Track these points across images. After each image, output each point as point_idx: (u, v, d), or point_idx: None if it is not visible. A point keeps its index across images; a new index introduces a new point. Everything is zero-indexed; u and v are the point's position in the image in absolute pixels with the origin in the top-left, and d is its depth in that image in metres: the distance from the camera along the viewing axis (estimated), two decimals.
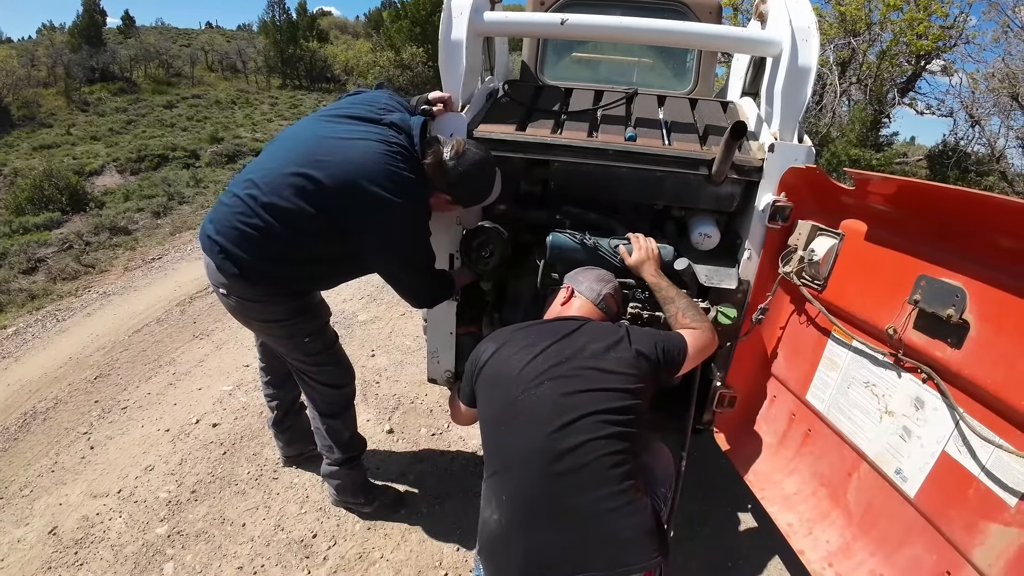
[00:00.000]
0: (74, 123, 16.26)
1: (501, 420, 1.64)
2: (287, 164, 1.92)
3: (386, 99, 2.11)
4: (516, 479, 1.55)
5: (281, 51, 26.87)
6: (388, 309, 4.78)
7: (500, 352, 1.74)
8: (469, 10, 2.19)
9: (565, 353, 1.66)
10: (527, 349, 1.69)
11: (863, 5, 11.44)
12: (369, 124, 1.97)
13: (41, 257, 6.27)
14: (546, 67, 3.80)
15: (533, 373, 1.62)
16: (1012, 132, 11.44)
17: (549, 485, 1.50)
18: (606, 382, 1.61)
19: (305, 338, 2.23)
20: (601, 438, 1.51)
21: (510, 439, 1.60)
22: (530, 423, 1.56)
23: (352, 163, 1.87)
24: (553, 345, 1.68)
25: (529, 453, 1.54)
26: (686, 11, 3.51)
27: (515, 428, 1.59)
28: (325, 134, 1.97)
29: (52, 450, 3.05)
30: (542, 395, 1.58)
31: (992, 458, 1.43)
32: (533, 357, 1.66)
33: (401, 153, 1.93)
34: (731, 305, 2.16)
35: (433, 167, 1.98)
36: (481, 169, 2.03)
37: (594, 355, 1.66)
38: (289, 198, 1.88)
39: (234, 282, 1.99)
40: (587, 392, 1.58)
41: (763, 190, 2.08)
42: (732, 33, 2.64)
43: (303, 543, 2.46)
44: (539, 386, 1.60)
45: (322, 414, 2.41)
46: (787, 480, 2.16)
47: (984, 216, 1.48)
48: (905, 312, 1.65)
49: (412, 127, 1.99)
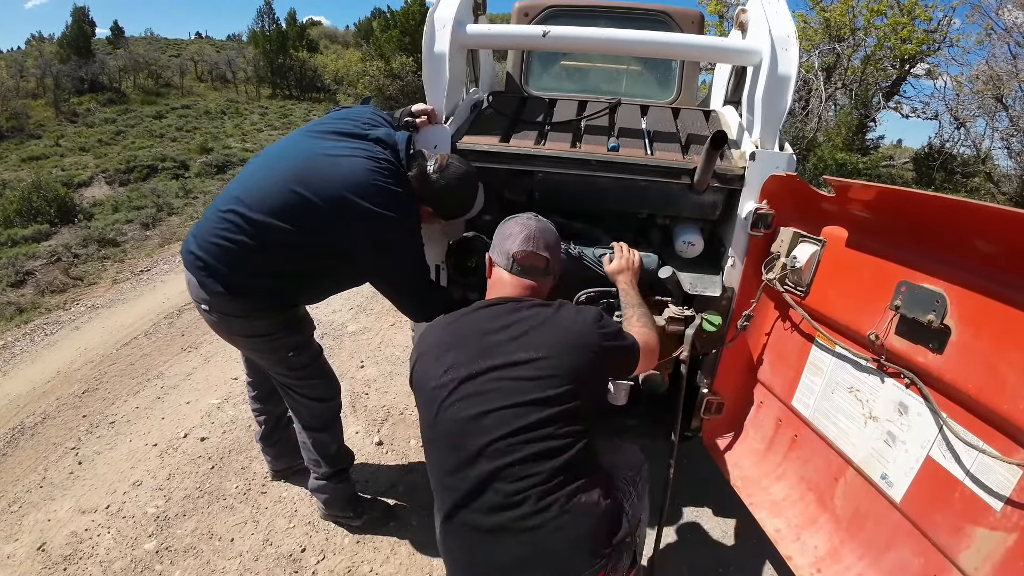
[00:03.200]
0: (63, 134, 16.15)
1: (427, 439, 1.54)
2: (275, 180, 1.91)
3: (370, 114, 2.11)
4: (444, 501, 1.47)
5: (271, 61, 26.89)
6: (377, 319, 4.77)
7: (419, 362, 1.59)
8: (452, 23, 2.20)
9: (478, 362, 1.49)
10: (440, 358, 1.53)
11: (847, 11, 11.57)
12: (356, 140, 1.98)
13: (29, 270, 6.20)
14: (531, 78, 3.82)
15: (444, 390, 1.47)
16: (997, 133, 11.60)
17: (473, 508, 1.41)
18: (522, 394, 1.43)
19: (289, 352, 2.22)
20: (515, 463, 1.37)
21: (435, 459, 1.51)
22: (447, 447, 1.46)
23: (341, 179, 1.87)
24: (466, 351, 1.52)
25: (447, 475, 1.46)
26: (668, 21, 3.54)
27: (436, 451, 1.50)
28: (313, 150, 1.96)
29: (40, 465, 3.02)
30: (453, 417, 1.45)
31: (976, 462, 1.43)
32: (445, 370, 1.50)
33: (388, 168, 1.93)
34: (716, 312, 2.17)
35: (417, 180, 2.00)
36: (463, 183, 2.05)
37: (509, 360, 1.47)
38: (277, 214, 1.87)
39: (216, 298, 1.98)
40: (499, 411, 1.42)
41: (745, 198, 2.09)
42: (712, 43, 2.66)
43: (292, 557, 2.44)
44: (450, 406, 1.45)
45: (308, 428, 2.39)
46: (775, 486, 2.17)
47: (963, 221, 1.49)
48: (887, 318, 1.66)
49: (398, 142, 2.00)
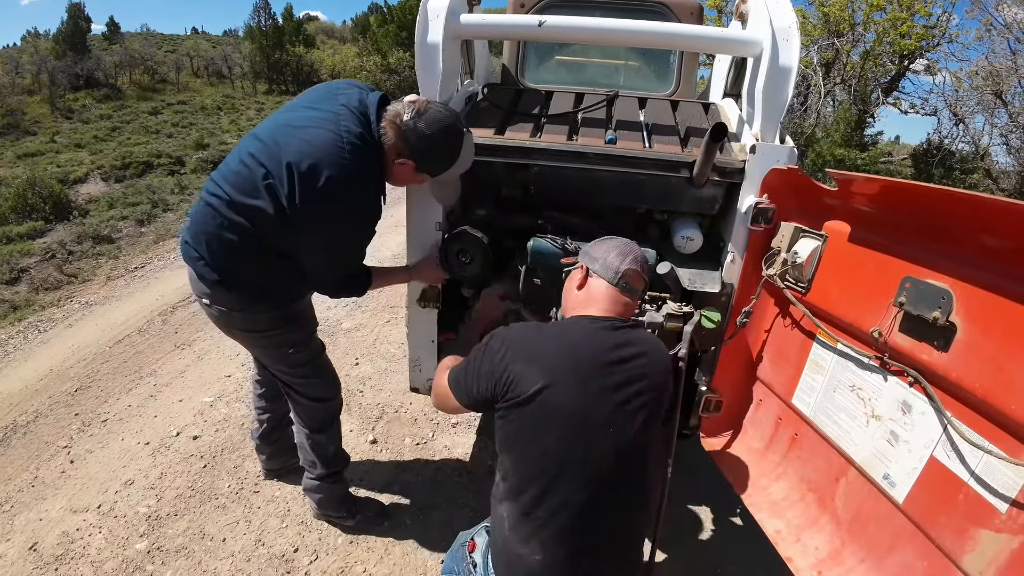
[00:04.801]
0: (58, 131, 16.13)
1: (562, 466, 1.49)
2: (244, 160, 1.87)
3: (345, 85, 2.00)
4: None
5: (267, 56, 26.85)
6: (373, 316, 4.73)
7: (549, 392, 1.48)
8: (445, 13, 2.15)
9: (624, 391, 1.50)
10: (581, 388, 1.48)
11: (846, 6, 11.54)
12: (321, 112, 1.88)
13: (24, 267, 6.17)
14: (527, 70, 3.78)
15: (597, 421, 1.46)
16: (996, 130, 11.56)
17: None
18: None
19: (289, 349, 2.20)
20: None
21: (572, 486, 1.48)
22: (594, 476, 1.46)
23: (295, 150, 1.78)
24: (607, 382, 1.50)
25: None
26: (666, 12, 3.50)
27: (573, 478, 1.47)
28: (279, 123, 1.91)
29: (33, 464, 2.99)
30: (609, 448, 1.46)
31: (982, 463, 1.40)
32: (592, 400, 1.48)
33: (349, 139, 1.80)
34: (715, 309, 2.14)
35: (392, 130, 1.85)
36: (445, 130, 1.85)
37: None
38: (248, 193, 1.83)
39: (215, 290, 1.96)
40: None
41: (745, 192, 2.05)
42: (712, 33, 2.62)
43: (284, 558, 2.41)
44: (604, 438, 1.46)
45: (307, 428, 2.38)
46: (774, 485, 2.13)
47: (971, 216, 1.45)
48: (890, 315, 1.62)
49: (369, 105, 1.88)
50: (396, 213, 2.30)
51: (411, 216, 2.27)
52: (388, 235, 6.26)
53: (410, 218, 2.27)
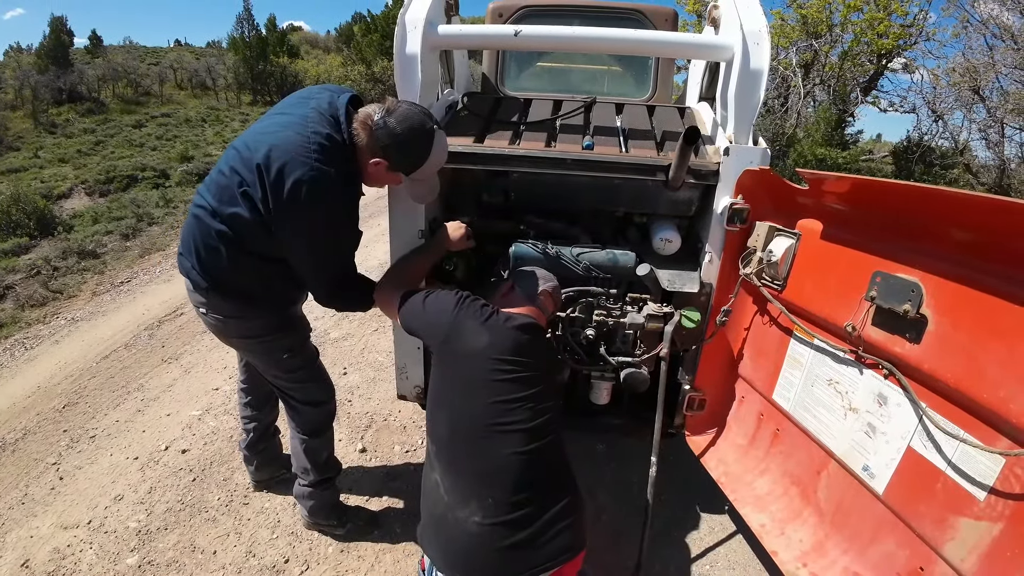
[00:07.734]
0: (42, 146, 15.96)
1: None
2: (223, 169, 1.90)
3: (318, 90, 2.01)
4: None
5: (251, 67, 26.74)
6: (360, 325, 4.73)
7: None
8: (423, 23, 2.18)
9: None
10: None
11: (824, 7, 11.67)
12: (292, 116, 1.88)
13: (9, 284, 6.11)
14: (506, 78, 3.80)
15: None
16: (974, 125, 11.73)
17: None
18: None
19: (284, 354, 2.22)
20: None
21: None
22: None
23: (263, 155, 1.78)
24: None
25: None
26: (643, 19, 3.55)
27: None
28: (255, 131, 1.93)
29: (22, 482, 2.97)
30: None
31: (958, 452, 1.44)
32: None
33: (316, 139, 1.81)
34: (695, 308, 2.17)
35: (363, 131, 1.85)
36: (412, 125, 1.84)
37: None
38: (225, 200, 1.86)
39: (210, 298, 2.00)
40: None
41: (720, 193, 2.09)
42: (685, 39, 2.66)
43: (275, 569, 2.40)
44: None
45: (303, 433, 2.38)
46: (758, 481, 2.17)
47: (936, 210, 1.49)
48: (863, 309, 1.66)
49: (339, 107, 1.89)
50: (382, 222, 2.32)
51: (394, 224, 2.28)
52: (375, 245, 6.26)
53: (393, 227, 2.28)
